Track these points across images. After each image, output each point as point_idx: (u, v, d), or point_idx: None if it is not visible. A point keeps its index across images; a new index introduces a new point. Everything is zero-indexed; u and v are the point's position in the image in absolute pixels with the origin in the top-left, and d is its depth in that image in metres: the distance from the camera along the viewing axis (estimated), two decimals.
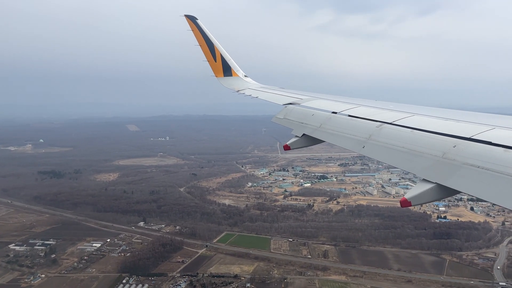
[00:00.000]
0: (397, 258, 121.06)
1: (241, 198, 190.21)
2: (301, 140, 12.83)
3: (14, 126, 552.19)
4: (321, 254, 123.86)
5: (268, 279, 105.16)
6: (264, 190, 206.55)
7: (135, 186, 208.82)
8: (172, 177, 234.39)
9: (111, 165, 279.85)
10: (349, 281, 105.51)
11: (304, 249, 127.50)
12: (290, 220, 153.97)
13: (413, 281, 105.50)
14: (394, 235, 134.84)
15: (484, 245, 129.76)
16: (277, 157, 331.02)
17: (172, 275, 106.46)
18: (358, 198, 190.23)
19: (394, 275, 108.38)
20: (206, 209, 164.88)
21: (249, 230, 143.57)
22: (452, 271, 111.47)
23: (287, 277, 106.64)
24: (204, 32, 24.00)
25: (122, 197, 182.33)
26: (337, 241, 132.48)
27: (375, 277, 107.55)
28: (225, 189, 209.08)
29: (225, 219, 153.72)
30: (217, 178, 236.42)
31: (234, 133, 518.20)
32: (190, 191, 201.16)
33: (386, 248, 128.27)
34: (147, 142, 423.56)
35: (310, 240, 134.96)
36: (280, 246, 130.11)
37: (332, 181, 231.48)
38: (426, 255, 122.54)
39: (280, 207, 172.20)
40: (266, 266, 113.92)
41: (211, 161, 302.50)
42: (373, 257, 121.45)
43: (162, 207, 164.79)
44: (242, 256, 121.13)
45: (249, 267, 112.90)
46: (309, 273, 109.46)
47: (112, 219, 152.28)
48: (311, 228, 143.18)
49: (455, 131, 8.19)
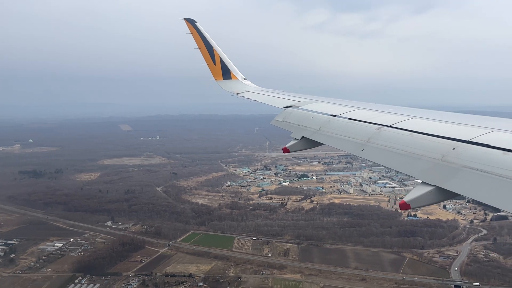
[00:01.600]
0: (357, 256, 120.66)
1: (216, 197, 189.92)
2: (300, 143, 12.81)
3: (7, 126, 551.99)
4: (282, 252, 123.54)
5: (222, 278, 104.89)
6: (241, 189, 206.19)
7: (112, 185, 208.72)
8: (152, 177, 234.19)
9: (94, 165, 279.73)
10: (303, 279, 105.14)
11: (266, 248, 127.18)
12: (259, 219, 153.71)
13: (368, 279, 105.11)
14: (359, 233, 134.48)
15: (448, 243, 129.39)
16: (264, 156, 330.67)
17: (126, 275, 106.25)
18: (333, 197, 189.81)
19: (350, 274, 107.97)
20: (176, 208, 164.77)
21: (216, 229, 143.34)
22: (410, 269, 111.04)
23: (242, 276, 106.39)
24: (204, 35, 24.13)
25: (96, 197, 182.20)
26: (301, 239, 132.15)
27: (330, 276, 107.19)
28: (203, 188, 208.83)
29: (193, 218, 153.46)
30: (198, 177, 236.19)
31: (226, 132, 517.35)
32: (166, 191, 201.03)
33: (349, 246, 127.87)
34: (136, 142, 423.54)
35: (275, 238, 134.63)
36: (243, 245, 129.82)
37: (312, 180, 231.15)
38: (387, 253, 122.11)
39: (253, 206, 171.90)
40: (223, 265, 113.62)
41: (196, 160, 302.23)
42: (333, 255, 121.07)
43: (132, 207, 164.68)
44: (202, 255, 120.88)
45: (206, 266, 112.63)
46: (265, 272, 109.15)
47: (81, 218, 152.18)
48: (278, 226, 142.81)
49: (454, 134, 8.19)
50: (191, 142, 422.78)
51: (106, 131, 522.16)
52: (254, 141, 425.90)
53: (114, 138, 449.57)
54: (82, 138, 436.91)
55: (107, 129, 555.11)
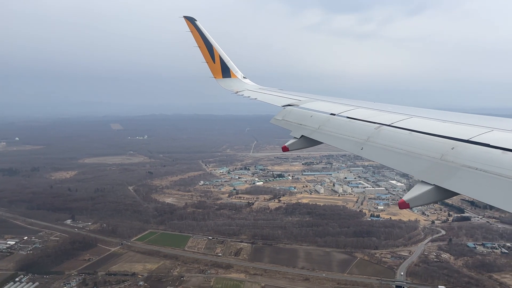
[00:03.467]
0: (308, 256, 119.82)
1: (185, 197, 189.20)
2: (300, 141, 12.79)
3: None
4: (234, 252, 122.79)
5: (165, 278, 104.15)
6: (213, 189, 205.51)
7: (84, 184, 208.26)
8: (127, 175, 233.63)
9: (74, 163, 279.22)
10: (246, 279, 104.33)
11: (219, 247, 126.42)
12: (221, 218, 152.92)
13: (311, 279, 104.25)
14: (315, 233, 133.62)
15: (402, 244, 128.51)
16: (247, 156, 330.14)
17: (69, 273, 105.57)
18: (303, 197, 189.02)
19: (294, 273, 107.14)
20: (139, 207, 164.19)
21: (174, 228, 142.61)
22: (357, 270, 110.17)
23: (185, 275, 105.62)
24: (203, 33, 24.05)
25: (63, 195, 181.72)
26: (256, 239, 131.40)
27: (274, 276, 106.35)
28: (175, 187, 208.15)
29: (154, 217, 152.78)
30: (173, 176, 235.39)
31: (217, 132, 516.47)
32: (137, 189, 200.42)
33: (302, 246, 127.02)
34: (123, 141, 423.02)
35: (231, 238, 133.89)
36: (197, 244, 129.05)
37: (287, 180, 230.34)
38: (339, 253, 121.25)
39: (219, 206, 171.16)
40: (171, 265, 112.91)
41: (177, 159, 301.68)
42: (284, 255, 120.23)
43: (96, 205, 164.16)
44: (152, 254, 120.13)
45: (153, 265, 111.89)
46: (210, 272, 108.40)
47: (42, 216, 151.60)
48: (237, 226, 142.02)
49: (453, 133, 8.19)
50: (178, 141, 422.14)
51: (96, 130, 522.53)
52: (241, 141, 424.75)
53: (102, 137, 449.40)
54: (69, 137, 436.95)
55: (97, 128, 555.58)
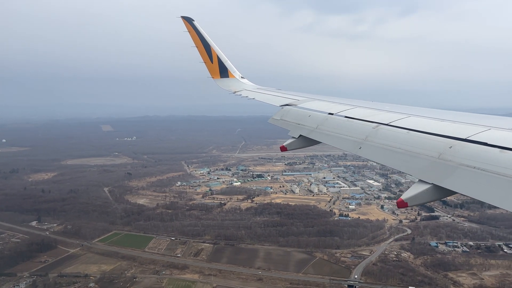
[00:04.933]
0: (267, 256, 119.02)
1: (159, 197, 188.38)
2: (298, 141, 12.78)
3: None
4: (193, 253, 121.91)
5: (117, 279, 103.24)
6: (189, 189, 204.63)
7: (59, 185, 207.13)
8: (105, 177, 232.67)
9: (56, 165, 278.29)
10: (199, 279, 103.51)
11: (180, 248, 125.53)
12: (189, 219, 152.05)
13: (264, 279, 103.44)
14: (278, 233, 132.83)
15: (365, 243, 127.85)
16: (231, 156, 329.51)
17: (21, 275, 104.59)
18: (277, 197, 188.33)
19: (249, 274, 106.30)
20: (108, 208, 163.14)
21: (139, 229, 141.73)
22: (313, 269, 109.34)
23: (138, 276, 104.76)
24: (201, 33, 23.95)
25: (35, 196, 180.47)
26: (218, 239, 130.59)
27: (228, 276, 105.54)
28: (150, 188, 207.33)
29: (121, 218, 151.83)
30: (152, 177, 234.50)
31: (207, 133, 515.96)
32: (112, 191, 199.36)
33: (264, 246, 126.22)
34: (110, 142, 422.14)
35: (194, 238, 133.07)
36: (158, 245, 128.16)
37: (266, 180, 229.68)
38: (299, 253, 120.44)
39: (190, 206, 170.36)
40: (127, 266, 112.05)
41: (161, 160, 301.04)
42: (244, 255, 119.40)
43: (65, 206, 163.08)
44: (110, 256, 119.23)
45: (108, 267, 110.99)
46: (164, 272, 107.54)
47: (9, 218, 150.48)
48: (203, 226, 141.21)
49: (451, 132, 8.20)
50: (165, 142, 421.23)
51: (86, 132, 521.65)
52: (229, 142, 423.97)
53: (90, 138, 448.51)
54: (57, 138, 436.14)
55: (87, 130, 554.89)
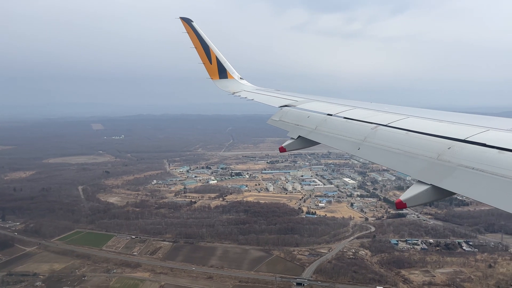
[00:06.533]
0: (224, 254, 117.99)
1: (131, 196, 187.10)
2: (297, 142, 12.78)
3: None
4: (151, 251, 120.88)
5: (66, 278, 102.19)
6: (163, 188, 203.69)
7: (33, 183, 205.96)
8: (82, 175, 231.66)
9: (36, 163, 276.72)
10: (149, 278, 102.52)
11: (139, 246, 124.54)
12: (155, 217, 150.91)
13: (214, 278, 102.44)
14: (240, 231, 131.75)
15: (326, 241, 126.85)
16: (216, 155, 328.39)
17: None
18: (250, 195, 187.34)
19: (199, 272, 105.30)
20: (76, 206, 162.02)
21: (101, 228, 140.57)
22: (266, 267, 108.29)
23: (88, 275, 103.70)
24: (200, 34, 24.04)
25: (5, 195, 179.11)
26: (178, 237, 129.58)
27: (179, 274, 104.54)
28: (125, 186, 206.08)
29: (87, 216, 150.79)
30: (129, 176, 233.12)
31: (197, 131, 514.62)
32: (85, 189, 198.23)
33: (224, 244, 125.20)
34: (97, 141, 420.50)
35: (155, 237, 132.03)
36: (117, 244, 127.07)
37: (244, 178, 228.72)
38: (257, 251, 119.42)
39: (159, 205, 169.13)
40: (79, 264, 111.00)
41: (144, 159, 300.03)
42: (200, 253, 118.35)
43: (32, 205, 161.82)
44: (66, 254, 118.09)
45: (60, 265, 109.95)
46: (116, 271, 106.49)
47: None
48: (166, 225, 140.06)
49: (450, 133, 8.18)
50: (153, 141, 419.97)
51: (75, 131, 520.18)
52: (217, 141, 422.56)
53: (78, 137, 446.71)
54: (45, 137, 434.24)
55: (77, 128, 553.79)
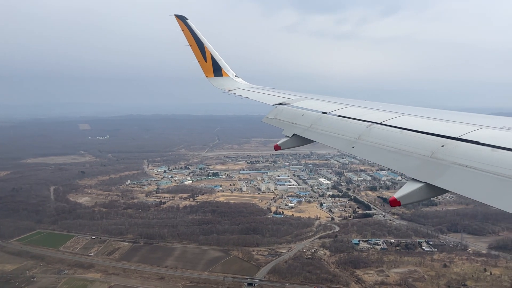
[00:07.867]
0: (182, 254, 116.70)
1: (102, 196, 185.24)
2: (292, 140, 12.75)
3: None
4: (108, 252, 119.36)
5: (14, 279, 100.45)
6: (136, 188, 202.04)
7: (5, 183, 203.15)
8: (57, 175, 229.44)
9: (14, 163, 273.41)
10: (99, 279, 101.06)
11: (97, 247, 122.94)
12: (120, 217, 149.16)
13: (166, 278, 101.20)
14: (202, 231, 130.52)
15: (287, 241, 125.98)
16: (198, 155, 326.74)
17: None
18: (222, 195, 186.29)
19: (152, 272, 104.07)
20: (41, 206, 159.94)
21: (63, 228, 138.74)
22: (221, 267, 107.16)
23: (38, 276, 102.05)
24: (195, 32, 23.84)
25: None
26: (139, 238, 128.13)
27: (131, 275, 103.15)
28: (98, 187, 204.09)
29: (50, 216, 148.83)
30: (105, 176, 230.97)
31: (184, 132, 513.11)
32: (57, 189, 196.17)
33: (183, 244, 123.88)
34: (81, 141, 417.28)
35: (115, 237, 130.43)
36: (75, 244, 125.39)
37: (220, 178, 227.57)
38: (215, 251, 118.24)
39: (128, 205, 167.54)
40: (32, 265, 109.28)
41: (124, 159, 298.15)
42: (158, 254, 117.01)
43: None
44: (20, 255, 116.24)
45: (12, 266, 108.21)
46: (67, 272, 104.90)
47: None
48: (129, 225, 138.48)
49: (444, 131, 8.16)
50: (137, 141, 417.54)
51: (61, 130, 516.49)
52: (202, 141, 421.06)
53: (62, 137, 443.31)
54: (29, 137, 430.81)
55: (64, 128, 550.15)
